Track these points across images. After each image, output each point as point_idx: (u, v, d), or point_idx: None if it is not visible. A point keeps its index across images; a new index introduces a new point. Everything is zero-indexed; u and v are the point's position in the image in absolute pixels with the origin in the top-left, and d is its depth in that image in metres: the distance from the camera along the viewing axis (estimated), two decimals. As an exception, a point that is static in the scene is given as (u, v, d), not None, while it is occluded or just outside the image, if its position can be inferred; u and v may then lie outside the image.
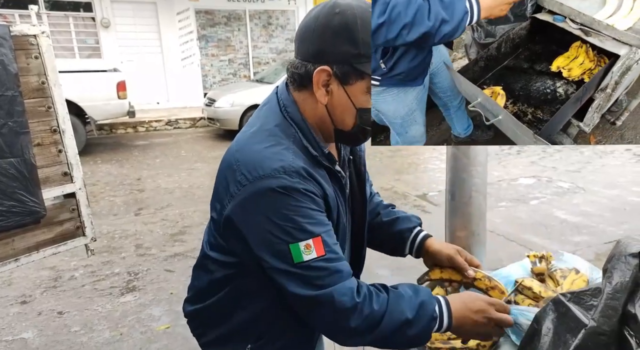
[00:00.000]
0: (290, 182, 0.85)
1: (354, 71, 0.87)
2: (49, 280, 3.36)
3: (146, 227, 4.36)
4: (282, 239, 0.85)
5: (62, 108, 1.68)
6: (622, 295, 0.69)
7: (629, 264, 0.71)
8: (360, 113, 0.91)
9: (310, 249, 0.86)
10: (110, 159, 7.04)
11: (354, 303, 0.86)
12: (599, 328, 0.69)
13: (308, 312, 0.91)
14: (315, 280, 0.86)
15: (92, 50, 10.67)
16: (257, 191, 0.86)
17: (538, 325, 0.87)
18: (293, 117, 0.94)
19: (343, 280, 0.88)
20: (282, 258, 0.87)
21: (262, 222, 0.86)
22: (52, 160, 1.69)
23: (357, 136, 0.96)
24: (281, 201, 0.85)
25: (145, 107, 10.69)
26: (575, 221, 4.27)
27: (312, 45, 0.89)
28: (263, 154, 0.89)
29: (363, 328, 0.87)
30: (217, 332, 1.07)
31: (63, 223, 1.76)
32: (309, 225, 0.86)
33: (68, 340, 2.65)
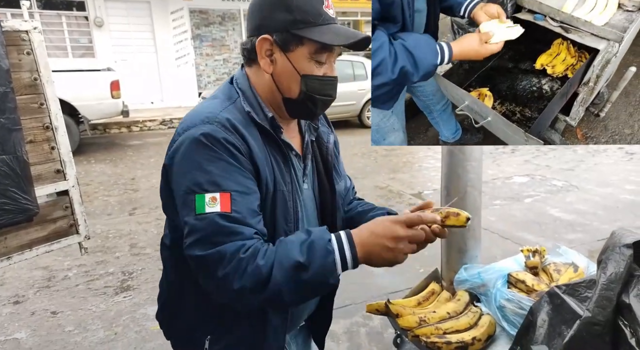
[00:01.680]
0: (210, 130, 0.86)
1: (292, 37, 0.90)
2: (43, 280, 3.33)
3: (140, 227, 4.33)
4: (191, 188, 0.84)
5: (55, 105, 1.67)
6: (617, 286, 0.70)
7: (623, 255, 0.72)
8: (305, 79, 0.93)
9: (215, 202, 0.83)
10: (104, 159, 6.99)
11: (237, 260, 0.80)
12: (594, 318, 0.69)
13: (199, 274, 0.86)
14: (208, 237, 0.82)
15: (86, 49, 10.60)
16: (182, 141, 0.89)
17: (533, 317, 0.87)
18: (241, 86, 0.98)
19: (239, 243, 0.82)
20: (188, 208, 0.84)
21: (179, 170, 0.88)
22: (44, 158, 1.67)
23: (306, 105, 0.96)
24: (199, 150, 0.85)
25: (139, 106, 10.63)
26: (569, 219, 4.30)
27: (254, 19, 0.94)
28: (197, 111, 0.93)
29: (250, 287, 0.80)
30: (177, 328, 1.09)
31: (56, 221, 1.74)
32: (220, 179, 0.84)
33: (62, 340, 2.63)
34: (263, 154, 0.93)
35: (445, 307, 1.26)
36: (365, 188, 5.23)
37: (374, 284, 3.10)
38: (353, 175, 6.45)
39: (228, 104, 0.94)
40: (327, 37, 0.90)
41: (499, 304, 1.15)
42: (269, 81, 0.96)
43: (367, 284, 3.07)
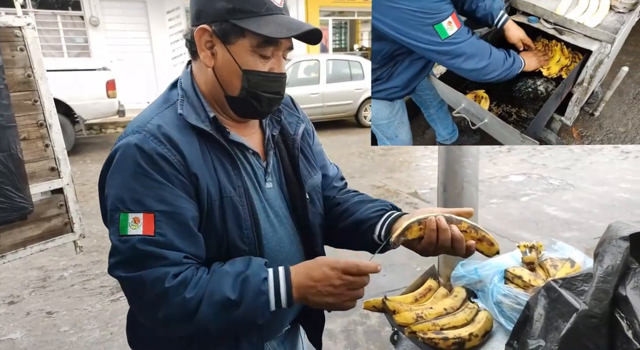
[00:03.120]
0: (138, 140, 0.80)
1: (232, 28, 0.82)
2: (38, 280, 3.31)
3: (137, 226, 4.31)
4: (116, 205, 0.79)
5: (49, 102, 1.65)
6: (613, 278, 0.70)
7: (619, 247, 0.72)
8: (246, 75, 0.85)
9: (138, 223, 0.77)
10: (100, 159, 6.95)
11: (161, 289, 0.76)
12: (591, 311, 0.69)
13: (127, 297, 0.82)
14: (131, 260, 0.78)
15: (81, 49, 10.55)
16: (114, 151, 0.84)
17: (530, 312, 0.87)
18: (184, 86, 0.91)
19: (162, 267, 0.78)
20: (113, 226, 0.80)
21: (108, 184, 0.83)
22: (39, 155, 1.65)
23: (250, 103, 0.88)
24: (127, 163, 0.80)
25: (135, 106, 10.57)
26: (565, 217, 4.32)
27: (194, 7, 0.86)
28: (134, 119, 0.88)
29: (176, 317, 0.78)
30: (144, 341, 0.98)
31: (51, 219, 1.73)
32: (144, 197, 0.78)
33: (57, 340, 2.61)
34: (203, 161, 0.85)
35: (442, 303, 1.25)
36: (362, 187, 5.23)
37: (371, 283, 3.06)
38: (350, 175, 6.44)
39: (164, 107, 0.88)
40: (268, 28, 0.82)
41: (496, 299, 1.15)
42: (211, 76, 0.88)
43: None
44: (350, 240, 1.08)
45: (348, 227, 1.06)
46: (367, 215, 1.03)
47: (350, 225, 1.06)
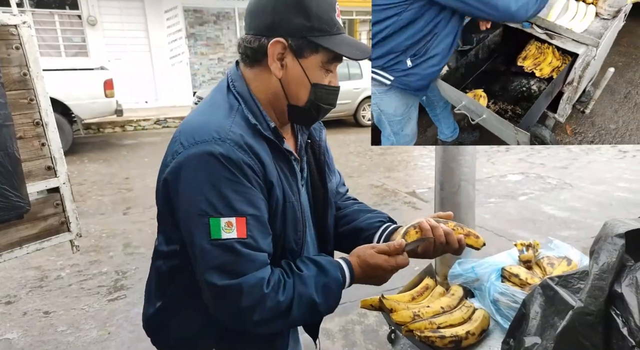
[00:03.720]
0: (223, 149, 0.82)
1: (308, 44, 0.87)
2: (35, 280, 3.30)
3: (135, 226, 4.30)
4: (204, 210, 0.81)
5: (45, 100, 1.65)
6: (609, 276, 0.70)
7: (615, 245, 0.72)
8: (314, 88, 0.91)
9: (232, 227, 0.81)
10: (98, 158, 6.94)
11: (260, 296, 0.83)
12: (586, 308, 0.69)
13: (213, 301, 0.85)
14: (226, 265, 0.81)
15: (79, 48, 10.52)
16: (190, 156, 0.83)
17: (526, 309, 0.87)
18: (240, 91, 0.93)
19: (254, 271, 0.83)
20: (200, 231, 0.81)
21: (190, 187, 0.83)
22: (35, 154, 1.65)
23: (310, 113, 0.95)
24: (213, 169, 0.81)
25: (133, 106, 10.57)
26: (563, 216, 4.32)
27: (266, 18, 0.88)
28: (202, 122, 0.88)
29: (268, 318, 0.85)
30: (177, 339, 1.01)
31: (47, 218, 1.72)
32: (236, 202, 0.82)
33: (54, 340, 2.60)
34: (273, 167, 0.90)
35: (439, 301, 1.25)
36: (360, 187, 5.23)
37: (369, 282, 3.11)
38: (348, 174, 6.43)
39: (233, 114, 0.90)
40: (345, 49, 0.89)
41: (493, 297, 1.15)
42: (275, 86, 0.92)
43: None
44: (347, 244, 1.14)
45: (347, 232, 1.15)
46: (367, 224, 1.13)
47: (349, 231, 1.15)
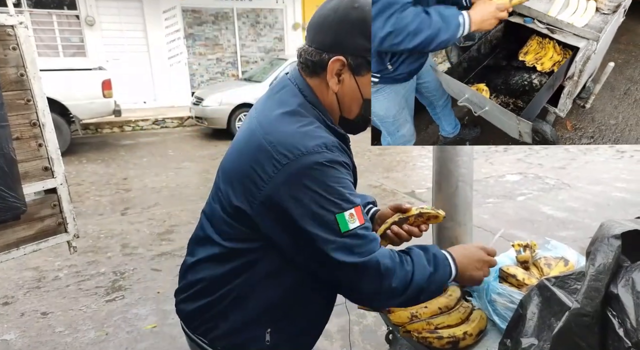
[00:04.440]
0: (333, 156, 0.91)
1: (366, 64, 0.95)
2: (32, 281, 3.29)
3: (133, 227, 4.30)
4: (330, 209, 0.90)
5: (42, 101, 1.64)
6: (605, 277, 0.70)
7: (611, 246, 0.72)
8: (366, 103, 1.00)
9: (354, 217, 0.92)
10: (96, 159, 6.93)
11: (394, 264, 0.94)
12: (582, 309, 0.69)
13: (354, 278, 0.94)
14: (359, 248, 0.92)
15: (77, 48, 10.50)
16: (303, 167, 0.89)
17: (523, 310, 0.87)
18: (311, 100, 0.99)
19: (379, 247, 0.95)
20: (330, 228, 0.90)
21: (309, 195, 0.89)
22: (32, 155, 1.64)
23: (358, 125, 1.05)
24: (327, 174, 0.90)
25: (131, 106, 10.56)
26: (561, 217, 4.33)
27: (329, 36, 0.94)
28: (299, 132, 0.92)
29: (401, 287, 0.95)
30: (231, 323, 1.04)
31: (44, 219, 1.72)
32: (350, 196, 0.92)
33: (52, 340, 2.59)
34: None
35: (436, 302, 1.25)
36: (359, 187, 5.19)
37: (367, 282, 3.11)
38: (346, 174, 6.41)
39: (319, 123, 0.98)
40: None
41: (490, 298, 1.15)
42: (332, 98, 1.00)
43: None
44: None
45: None
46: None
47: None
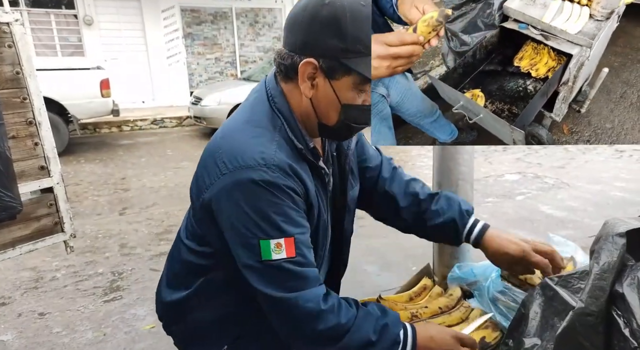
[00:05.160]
0: (270, 177, 0.83)
1: (340, 66, 0.85)
2: (30, 281, 3.27)
3: (131, 227, 4.27)
4: (253, 232, 0.84)
5: (38, 99, 1.62)
6: (610, 275, 0.68)
7: (616, 244, 0.70)
8: (344, 109, 0.89)
9: (281, 248, 0.84)
10: (94, 159, 6.90)
11: (318, 309, 0.85)
12: (587, 309, 0.68)
13: (271, 311, 0.89)
14: (279, 281, 0.85)
15: (75, 48, 10.46)
16: (235, 181, 0.84)
17: (525, 310, 0.86)
18: (280, 108, 0.92)
19: (309, 287, 0.86)
20: (251, 252, 0.85)
21: (236, 212, 0.84)
22: (27, 154, 1.62)
23: (340, 132, 0.94)
24: (259, 194, 0.83)
25: (130, 106, 10.52)
26: (560, 216, 4.32)
27: (299, 36, 0.86)
28: (246, 143, 0.87)
29: (326, 337, 0.86)
30: (192, 329, 1.04)
31: (40, 219, 1.70)
32: (283, 224, 0.85)
33: (49, 341, 2.57)
34: (313, 189, 0.93)
35: (437, 302, 1.24)
36: (358, 186, 5.22)
37: (367, 282, 3.09)
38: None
39: (277, 136, 0.90)
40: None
41: (492, 296, 1.14)
42: (306, 104, 0.92)
43: (361, 282, 3.05)
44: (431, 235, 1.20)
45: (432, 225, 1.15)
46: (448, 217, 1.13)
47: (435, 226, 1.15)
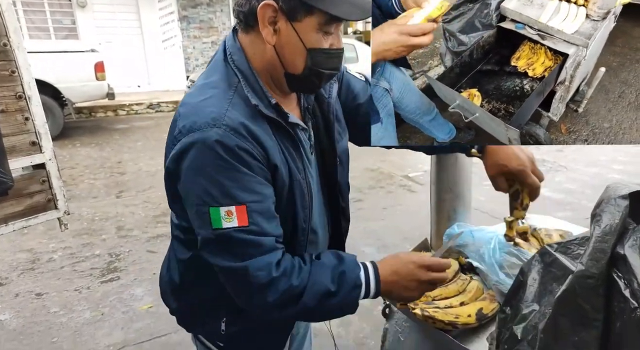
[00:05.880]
0: (221, 137, 0.78)
1: (301, 5, 0.79)
2: (27, 263, 3.26)
3: (127, 209, 4.26)
4: (203, 200, 0.79)
5: (27, 73, 1.58)
6: (612, 238, 0.67)
7: (618, 206, 0.69)
8: (311, 54, 0.83)
9: (232, 216, 0.79)
10: (90, 143, 6.85)
11: (269, 278, 0.81)
12: (587, 271, 0.66)
13: (226, 282, 0.86)
14: (228, 251, 0.81)
15: (69, 31, 10.29)
16: (187, 144, 0.80)
17: (524, 277, 0.84)
18: (239, 65, 0.87)
19: (262, 255, 0.82)
20: (202, 221, 0.81)
21: (188, 180, 0.81)
22: (18, 129, 1.59)
23: (310, 80, 0.87)
24: (209, 158, 0.78)
25: (125, 90, 10.41)
26: (558, 198, 4.33)
27: None
28: (198, 106, 0.83)
29: (280, 303, 0.83)
30: (189, 303, 1.03)
31: (33, 195, 1.67)
32: (234, 190, 0.79)
33: (47, 321, 2.58)
34: (277, 149, 0.86)
35: (434, 275, 1.23)
36: (355, 170, 5.20)
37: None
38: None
39: (231, 94, 0.84)
40: (342, 9, 0.79)
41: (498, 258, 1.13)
42: (270, 53, 0.85)
43: (357, 263, 3.07)
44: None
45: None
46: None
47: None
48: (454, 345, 1.03)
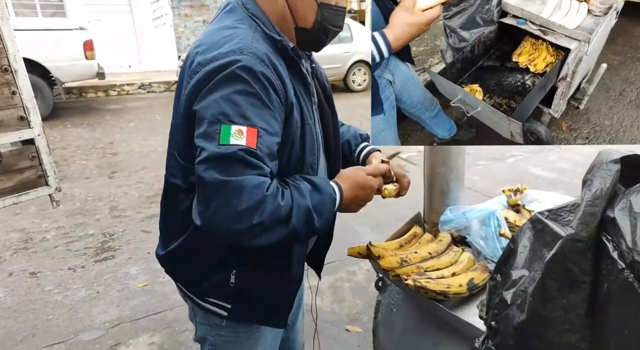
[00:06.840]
0: (247, 62, 0.80)
1: None
2: (20, 242, 3.25)
3: (121, 190, 4.24)
4: (217, 117, 0.79)
5: (12, 45, 1.54)
6: (602, 201, 0.67)
7: (609, 170, 0.69)
8: (321, 8, 0.89)
9: (242, 135, 0.78)
10: (81, 123, 6.75)
11: (262, 196, 0.79)
12: (577, 235, 0.67)
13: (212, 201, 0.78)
14: (229, 165, 0.78)
15: (56, 8, 10.01)
16: (211, 70, 0.82)
17: (514, 245, 0.85)
18: (254, 12, 0.91)
19: (255, 174, 0.80)
20: (209, 139, 0.79)
21: (207, 102, 0.81)
22: (5, 103, 1.56)
23: (318, 36, 0.93)
24: (232, 79, 0.79)
25: (116, 70, 10.23)
26: (550, 177, 4.36)
27: None
28: (220, 42, 0.85)
29: (269, 224, 0.80)
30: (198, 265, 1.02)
31: (23, 171, 1.65)
32: (250, 113, 0.79)
33: (42, 299, 2.59)
34: (292, 89, 0.89)
35: (426, 247, 1.24)
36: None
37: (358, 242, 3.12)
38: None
39: (252, 32, 0.87)
40: None
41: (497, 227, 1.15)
42: (283, 8, 0.90)
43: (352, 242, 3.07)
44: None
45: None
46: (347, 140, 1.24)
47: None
48: (444, 313, 1.05)
